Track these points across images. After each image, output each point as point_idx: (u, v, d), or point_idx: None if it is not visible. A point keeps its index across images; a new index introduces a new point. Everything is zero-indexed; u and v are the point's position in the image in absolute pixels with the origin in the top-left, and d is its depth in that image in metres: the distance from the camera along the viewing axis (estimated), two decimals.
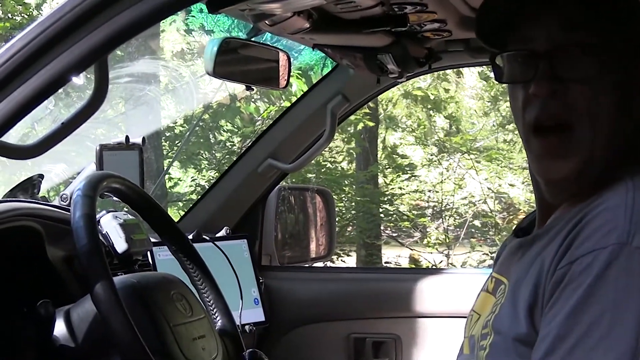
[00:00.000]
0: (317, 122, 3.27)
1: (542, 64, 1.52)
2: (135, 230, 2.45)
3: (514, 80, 1.62)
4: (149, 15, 1.49)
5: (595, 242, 1.36)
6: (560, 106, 1.51)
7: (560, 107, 1.51)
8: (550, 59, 1.52)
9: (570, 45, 1.51)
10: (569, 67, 1.51)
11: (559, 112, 1.52)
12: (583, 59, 1.50)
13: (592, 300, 1.33)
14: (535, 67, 1.53)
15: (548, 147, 1.55)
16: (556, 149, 1.54)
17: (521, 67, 1.57)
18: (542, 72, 1.52)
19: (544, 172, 1.60)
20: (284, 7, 2.10)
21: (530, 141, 1.58)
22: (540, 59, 1.53)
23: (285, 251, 3.60)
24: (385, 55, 2.65)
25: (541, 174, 1.61)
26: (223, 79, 2.76)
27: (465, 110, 13.10)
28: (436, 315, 3.23)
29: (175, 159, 10.61)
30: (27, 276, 2.17)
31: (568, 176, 1.55)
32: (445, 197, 11.60)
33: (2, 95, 1.51)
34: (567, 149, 1.53)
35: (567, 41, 1.52)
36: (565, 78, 1.51)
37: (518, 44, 1.59)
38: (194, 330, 1.93)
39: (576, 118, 1.51)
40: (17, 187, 2.51)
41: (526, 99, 1.56)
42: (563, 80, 1.51)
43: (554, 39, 1.52)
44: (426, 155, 12.19)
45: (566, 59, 1.51)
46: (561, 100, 1.51)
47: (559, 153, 1.54)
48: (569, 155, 1.53)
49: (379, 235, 11.63)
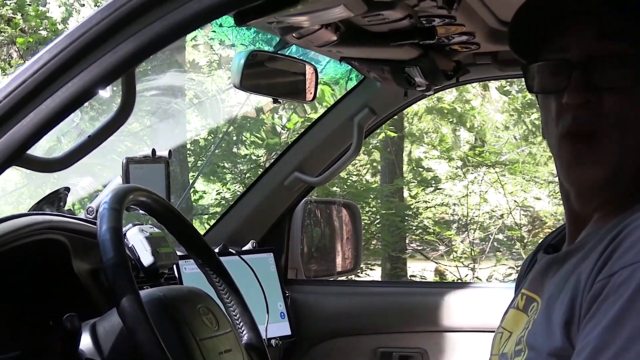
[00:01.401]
0: (343, 135, 3.27)
1: (576, 73, 1.51)
2: (162, 243, 2.45)
3: (546, 90, 1.60)
4: (176, 28, 1.49)
5: (634, 255, 1.34)
6: (592, 116, 1.50)
7: (593, 117, 1.50)
8: (584, 68, 1.50)
9: (604, 55, 1.50)
10: (602, 77, 1.49)
11: (592, 122, 1.51)
12: (617, 69, 1.49)
13: (631, 314, 1.31)
14: (569, 77, 1.51)
15: (577, 153, 1.54)
16: (585, 155, 1.53)
17: (554, 77, 1.56)
18: (575, 81, 1.51)
19: (572, 179, 1.59)
20: (311, 19, 2.09)
21: (560, 149, 1.57)
22: (573, 69, 1.51)
23: (312, 265, 3.59)
24: (413, 68, 2.64)
25: (570, 181, 1.60)
26: (250, 91, 2.75)
27: (491, 123, 13.08)
28: (463, 330, 3.21)
29: (200, 172, 10.63)
30: (54, 289, 2.18)
31: (597, 184, 1.54)
32: (470, 210, 11.56)
33: (30, 108, 1.51)
34: (595, 156, 1.52)
35: (601, 51, 1.50)
36: (598, 88, 1.50)
37: (552, 53, 1.57)
38: (221, 344, 1.92)
39: (607, 127, 1.50)
40: (44, 200, 2.51)
41: (559, 108, 1.54)
42: (597, 90, 1.50)
43: (588, 49, 1.51)
44: (451, 169, 12.16)
45: (600, 69, 1.50)
46: (594, 110, 1.50)
47: (587, 159, 1.53)
48: (597, 163, 1.52)
49: (404, 249, 11.60)
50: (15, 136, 1.52)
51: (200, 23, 1.52)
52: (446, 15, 2.24)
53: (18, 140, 1.52)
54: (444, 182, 12.32)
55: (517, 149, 12.19)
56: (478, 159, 11.20)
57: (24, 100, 1.52)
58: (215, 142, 10.71)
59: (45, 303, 2.09)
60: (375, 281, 8.90)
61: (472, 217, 11.58)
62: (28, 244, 2.00)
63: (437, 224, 12.15)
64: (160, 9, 1.48)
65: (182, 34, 1.55)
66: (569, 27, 1.55)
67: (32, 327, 1.95)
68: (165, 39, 1.51)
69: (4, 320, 2.02)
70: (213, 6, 1.46)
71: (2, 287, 2.03)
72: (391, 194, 11.52)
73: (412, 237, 12.07)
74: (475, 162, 11.25)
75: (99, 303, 2.23)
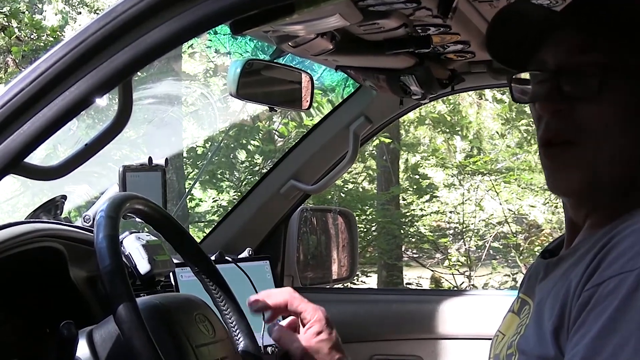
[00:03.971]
0: (339, 144, 3.27)
1: (549, 83, 1.55)
2: (158, 251, 2.46)
3: (524, 100, 1.68)
4: (172, 38, 1.50)
5: (622, 265, 1.35)
6: (564, 124, 1.53)
7: (565, 125, 1.53)
8: (556, 78, 1.54)
9: (576, 65, 1.52)
10: (573, 86, 1.52)
11: (564, 130, 1.54)
12: (589, 79, 1.51)
13: (619, 324, 1.32)
14: (545, 87, 1.55)
15: (552, 158, 1.58)
16: (558, 162, 1.56)
17: (532, 86, 1.61)
18: (547, 91, 1.55)
19: (550, 185, 1.62)
20: (307, 28, 2.10)
21: (540, 155, 1.61)
22: (548, 79, 1.55)
23: (308, 272, 3.59)
24: (408, 77, 2.65)
25: (549, 187, 1.64)
26: (246, 100, 2.76)
27: (487, 131, 13.10)
28: (459, 337, 3.22)
29: (197, 180, 10.64)
30: (50, 297, 2.18)
31: (573, 190, 1.57)
32: (466, 218, 11.57)
33: (27, 116, 1.52)
34: (568, 163, 1.54)
35: (576, 62, 1.53)
36: (570, 97, 1.52)
37: (533, 65, 1.61)
38: (217, 352, 1.93)
39: (579, 135, 1.53)
40: (40, 208, 2.52)
41: (538, 117, 1.59)
42: (568, 99, 1.52)
43: (563, 60, 1.54)
44: (447, 177, 12.17)
45: (571, 78, 1.53)
46: (566, 118, 1.53)
47: (560, 166, 1.56)
48: (570, 169, 1.54)
49: (400, 256, 11.61)
50: (12, 144, 1.52)
51: (196, 33, 1.53)
52: (441, 24, 2.25)
53: (15, 149, 1.52)
54: (440, 189, 12.34)
55: (512, 157, 12.20)
56: (473, 167, 11.22)
57: (21, 109, 1.52)
58: (211, 149, 10.72)
59: (41, 310, 2.09)
60: (370, 289, 8.92)
61: (468, 225, 11.59)
62: (25, 251, 2.00)
63: (433, 231, 12.17)
64: (157, 19, 1.48)
65: (179, 43, 1.56)
66: (544, 41, 1.59)
67: (28, 334, 1.95)
68: (161, 48, 1.51)
69: (0, 327, 2.03)
70: (209, 16, 1.47)
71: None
72: (387, 202, 11.52)
73: (408, 244, 12.08)
74: (470, 170, 11.26)
75: (95, 310, 2.23)
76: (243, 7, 1.50)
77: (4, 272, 1.95)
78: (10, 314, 2.06)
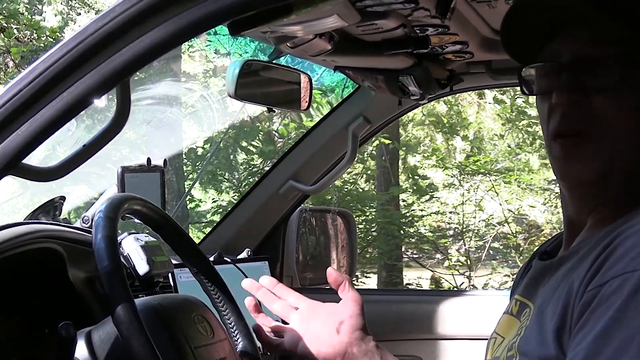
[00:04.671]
0: (338, 144, 3.27)
1: (565, 74, 1.54)
2: (157, 252, 2.45)
3: (538, 92, 1.64)
4: (171, 38, 1.50)
5: (625, 265, 1.35)
6: (581, 116, 1.53)
7: (581, 117, 1.53)
8: (573, 69, 1.53)
9: (594, 57, 1.52)
10: (591, 78, 1.52)
11: (580, 121, 1.53)
12: (606, 70, 1.51)
13: (621, 324, 1.32)
14: (559, 78, 1.54)
15: (565, 151, 1.57)
16: (572, 153, 1.56)
17: (546, 79, 1.60)
18: (564, 82, 1.54)
19: (562, 175, 1.61)
20: (305, 29, 2.10)
21: (551, 148, 1.60)
22: (563, 70, 1.54)
23: (307, 273, 3.59)
24: (407, 77, 2.65)
25: (560, 177, 1.62)
26: (245, 101, 2.76)
27: (487, 131, 13.09)
28: (458, 338, 3.22)
29: (196, 181, 10.64)
30: (49, 298, 2.18)
31: (585, 181, 1.56)
32: (466, 218, 11.57)
33: (26, 117, 1.52)
34: (583, 154, 1.54)
35: (591, 53, 1.52)
36: (587, 88, 1.52)
37: (546, 57, 1.60)
38: (215, 352, 1.92)
39: (595, 127, 1.52)
40: (39, 209, 2.52)
41: (550, 108, 1.58)
42: (585, 90, 1.52)
43: (579, 52, 1.54)
44: (447, 177, 12.17)
45: (589, 70, 1.52)
46: (582, 110, 1.52)
47: (575, 157, 1.55)
48: (584, 160, 1.54)
49: (400, 257, 11.60)
50: (10, 145, 1.52)
51: (195, 33, 1.53)
52: (440, 25, 2.25)
53: (13, 150, 1.52)
54: (440, 189, 12.33)
55: (511, 157, 12.20)
56: (473, 167, 11.22)
57: (19, 110, 1.52)
58: (211, 150, 10.72)
59: (40, 311, 2.09)
60: (370, 289, 8.89)
61: (467, 225, 11.59)
62: (24, 252, 2.00)
63: (433, 232, 12.16)
64: (155, 19, 1.48)
65: (177, 44, 1.56)
66: (560, 34, 1.57)
67: (27, 334, 1.95)
68: (160, 48, 1.51)
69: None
70: (207, 16, 1.47)
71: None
72: (387, 202, 11.52)
73: (408, 245, 12.07)
74: (470, 170, 11.26)
75: (94, 311, 2.23)
76: (241, 7, 1.50)
77: (3, 273, 1.95)
78: (9, 314, 2.05)
